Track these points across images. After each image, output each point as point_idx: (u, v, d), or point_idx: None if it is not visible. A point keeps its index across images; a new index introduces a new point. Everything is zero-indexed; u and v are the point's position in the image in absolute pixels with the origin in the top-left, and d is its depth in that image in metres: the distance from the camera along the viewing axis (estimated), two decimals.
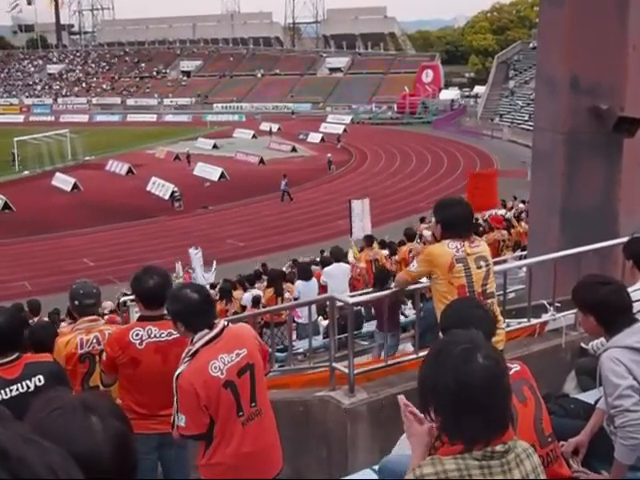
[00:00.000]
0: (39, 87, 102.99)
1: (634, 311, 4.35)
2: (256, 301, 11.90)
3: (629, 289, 4.74)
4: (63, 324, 11.49)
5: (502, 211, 20.63)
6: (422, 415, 2.60)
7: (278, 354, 9.81)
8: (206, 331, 3.92)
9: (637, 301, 4.55)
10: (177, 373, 3.88)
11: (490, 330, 3.28)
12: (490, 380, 2.19)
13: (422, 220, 21.43)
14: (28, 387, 3.95)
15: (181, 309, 3.97)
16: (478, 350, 2.24)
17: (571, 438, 3.79)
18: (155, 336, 4.65)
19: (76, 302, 5.19)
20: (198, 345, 3.88)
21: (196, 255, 20.70)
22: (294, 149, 57.05)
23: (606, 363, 3.57)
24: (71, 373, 4.90)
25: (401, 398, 2.81)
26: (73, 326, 5.25)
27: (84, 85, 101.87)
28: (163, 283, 4.70)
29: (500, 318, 4.90)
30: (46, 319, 12.98)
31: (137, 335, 4.64)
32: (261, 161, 51.08)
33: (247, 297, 12.64)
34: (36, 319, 12.21)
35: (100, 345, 4.94)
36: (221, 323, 4.04)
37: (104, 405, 1.70)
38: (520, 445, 2.30)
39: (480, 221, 18.37)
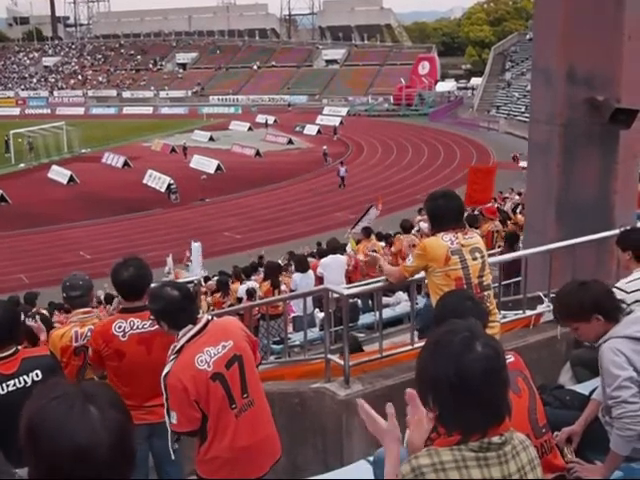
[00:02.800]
0: (35, 80, 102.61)
1: (631, 301, 4.36)
2: (250, 293, 11.89)
3: (624, 280, 4.76)
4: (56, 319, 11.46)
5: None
6: (377, 415, 2.62)
7: (274, 346, 9.82)
8: (190, 326, 3.92)
9: (635, 291, 4.55)
10: (165, 372, 3.89)
11: (482, 321, 3.28)
12: (490, 369, 2.18)
13: (420, 211, 21.47)
14: (25, 382, 3.95)
15: (162, 307, 3.97)
16: (477, 339, 2.22)
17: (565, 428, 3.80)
18: (138, 327, 4.66)
19: (64, 294, 5.21)
20: (183, 341, 3.88)
21: (197, 248, 20.71)
22: (290, 141, 57.03)
23: (606, 354, 3.56)
24: (66, 366, 4.90)
25: (360, 401, 2.80)
26: (67, 318, 5.24)
27: (80, 78, 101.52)
28: (138, 274, 4.68)
29: (495, 311, 4.91)
30: (44, 311, 12.97)
31: (120, 327, 4.66)
32: (257, 153, 51.06)
33: (242, 289, 12.64)
34: (33, 310, 12.21)
35: None
36: (205, 317, 4.05)
37: (104, 395, 1.70)
38: (517, 437, 2.29)
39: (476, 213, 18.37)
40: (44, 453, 1.59)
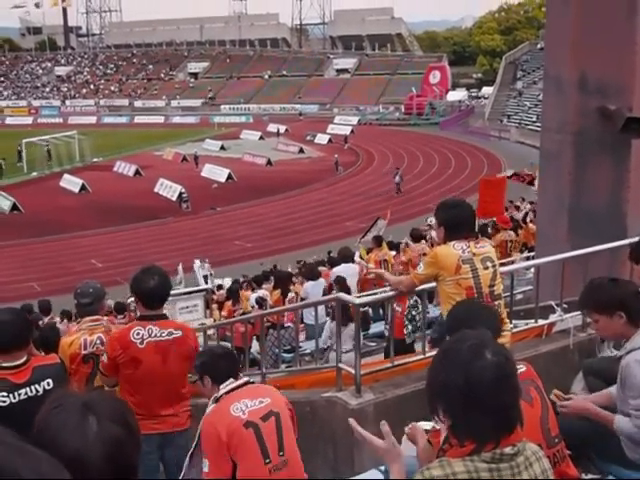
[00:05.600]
0: (47, 89, 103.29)
1: None
2: (259, 302, 11.90)
3: None
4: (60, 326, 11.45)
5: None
6: (370, 435, 2.63)
7: (285, 355, 9.82)
8: (231, 380, 3.98)
9: None
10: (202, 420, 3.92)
11: (496, 330, 3.28)
12: (500, 376, 2.17)
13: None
14: (37, 391, 3.95)
15: (208, 359, 4.08)
16: (486, 347, 2.22)
17: (578, 439, 3.77)
18: (155, 335, 4.67)
19: (75, 301, 5.24)
20: (222, 392, 3.93)
21: (199, 267, 20.83)
22: (301, 150, 57.12)
23: (634, 366, 3.56)
24: (75, 373, 4.92)
25: (352, 421, 2.83)
26: (77, 326, 5.26)
27: (92, 87, 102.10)
28: (163, 283, 4.74)
29: (506, 320, 4.88)
30: (58, 319, 13.02)
31: (138, 334, 4.66)
32: (268, 162, 51.19)
33: (253, 298, 12.67)
34: (47, 319, 12.27)
35: (104, 346, 4.95)
36: (244, 378, 4.10)
37: (105, 406, 1.69)
38: (529, 448, 2.27)
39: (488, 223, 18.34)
40: None
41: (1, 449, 1.27)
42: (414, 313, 8.93)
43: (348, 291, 9.49)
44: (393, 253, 15.33)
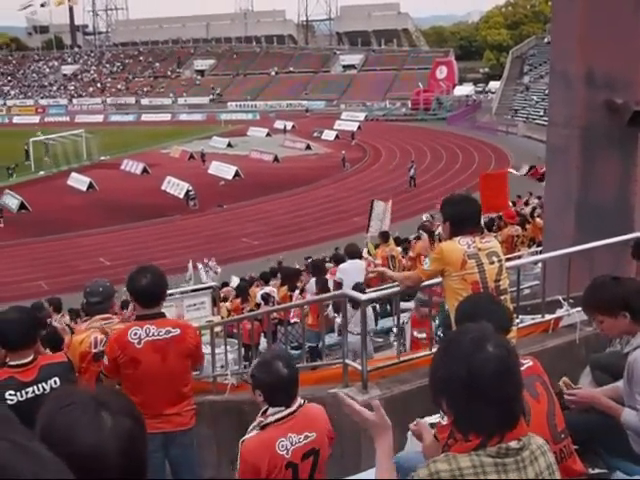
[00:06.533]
0: (54, 88, 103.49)
1: None
2: (265, 298, 11.90)
3: None
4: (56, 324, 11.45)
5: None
6: (359, 406, 2.64)
7: (292, 352, 9.81)
8: (283, 408, 3.75)
9: None
10: (243, 439, 3.76)
11: (505, 326, 3.27)
12: (502, 368, 2.16)
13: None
14: (44, 389, 3.97)
15: (268, 381, 3.76)
16: (487, 339, 2.21)
17: (585, 434, 3.75)
18: (153, 334, 4.66)
19: (84, 300, 5.24)
20: (270, 420, 3.72)
21: (203, 269, 20.89)
22: (308, 147, 57.15)
23: None
24: (85, 371, 4.93)
25: (339, 393, 2.78)
26: (88, 324, 5.26)
27: (99, 85, 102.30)
28: (156, 281, 4.71)
29: (512, 315, 4.87)
30: (67, 317, 13.04)
31: (135, 334, 4.65)
32: (275, 159, 51.26)
33: (259, 294, 12.68)
34: (58, 316, 12.28)
35: None
36: (298, 401, 3.84)
37: (117, 402, 1.68)
38: (535, 442, 2.26)
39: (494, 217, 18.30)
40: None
41: (10, 449, 1.26)
42: (439, 333, 8.87)
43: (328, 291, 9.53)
44: (400, 249, 15.31)
